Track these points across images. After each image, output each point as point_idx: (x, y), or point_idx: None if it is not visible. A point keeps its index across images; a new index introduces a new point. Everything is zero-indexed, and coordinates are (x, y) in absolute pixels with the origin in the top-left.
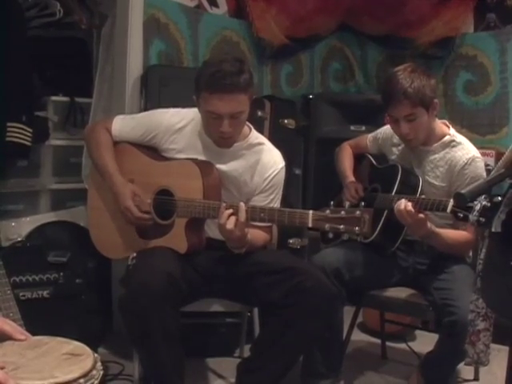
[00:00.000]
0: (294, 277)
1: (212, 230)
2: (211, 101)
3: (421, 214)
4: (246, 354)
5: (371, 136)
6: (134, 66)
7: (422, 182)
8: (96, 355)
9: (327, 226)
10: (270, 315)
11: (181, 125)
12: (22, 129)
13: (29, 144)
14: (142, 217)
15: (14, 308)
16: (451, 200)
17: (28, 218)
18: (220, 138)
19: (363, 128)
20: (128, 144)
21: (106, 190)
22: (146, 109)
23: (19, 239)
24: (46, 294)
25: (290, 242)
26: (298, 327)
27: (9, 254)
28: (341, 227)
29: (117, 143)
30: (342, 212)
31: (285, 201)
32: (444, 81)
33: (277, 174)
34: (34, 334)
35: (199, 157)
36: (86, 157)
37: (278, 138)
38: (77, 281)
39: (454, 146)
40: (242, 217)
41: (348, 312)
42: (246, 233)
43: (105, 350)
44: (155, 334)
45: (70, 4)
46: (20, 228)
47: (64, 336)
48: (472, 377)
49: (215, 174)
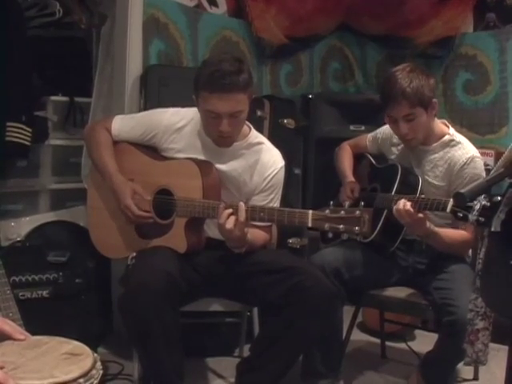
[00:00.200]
0: (294, 276)
1: (212, 230)
2: (210, 100)
3: (420, 214)
4: (246, 353)
5: (371, 136)
6: (134, 65)
7: (421, 182)
8: (95, 355)
9: (327, 225)
10: (269, 315)
11: (180, 124)
12: (21, 128)
13: (28, 144)
14: (141, 215)
15: (13, 308)
16: (451, 199)
17: (27, 218)
18: (219, 138)
19: (363, 128)
20: (128, 144)
21: (105, 190)
22: (145, 108)
23: (19, 239)
24: (45, 293)
25: (290, 241)
26: (297, 327)
27: (8, 253)
28: (340, 227)
29: (116, 143)
30: (342, 212)
31: (284, 200)
32: (443, 80)
33: (276, 173)
34: (33, 333)
35: (199, 156)
36: (86, 156)
37: (277, 137)
38: (76, 281)
39: (454, 146)
40: (242, 216)
41: (347, 311)
42: (245, 232)
43: (104, 350)
44: (155, 334)
45: (69, 4)
46: (19, 228)
47: (63, 336)
48: (471, 376)
49: (215, 173)
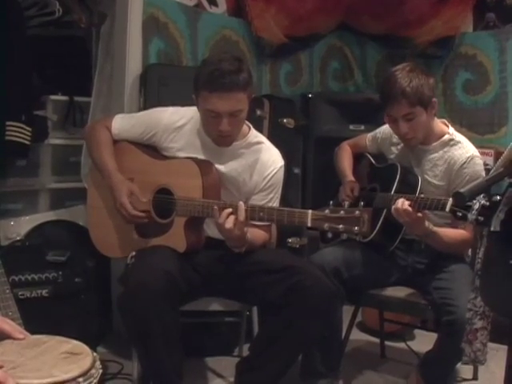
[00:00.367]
0: (294, 276)
1: (211, 229)
2: (210, 99)
3: (418, 213)
4: (245, 353)
5: (370, 135)
6: (133, 64)
7: (421, 181)
8: (95, 354)
9: (326, 225)
10: (269, 314)
11: (180, 123)
12: (21, 128)
13: (28, 143)
14: (136, 214)
15: (13, 307)
16: (450, 199)
17: (27, 217)
18: (219, 137)
19: (362, 127)
20: (128, 143)
21: (105, 189)
22: (145, 108)
23: (18, 238)
24: (45, 293)
25: (290, 241)
26: (297, 326)
27: (8, 252)
28: (340, 227)
29: (117, 142)
30: (341, 212)
31: (284, 200)
32: (443, 80)
33: (276, 172)
34: (32, 332)
35: (198, 155)
36: (86, 156)
37: (277, 137)
38: (76, 280)
39: (453, 145)
40: (242, 216)
41: (347, 311)
42: (245, 232)
43: (104, 349)
44: (154, 333)
45: (69, 3)
46: (19, 227)
47: (63, 335)
48: (471, 376)
49: (215, 173)
